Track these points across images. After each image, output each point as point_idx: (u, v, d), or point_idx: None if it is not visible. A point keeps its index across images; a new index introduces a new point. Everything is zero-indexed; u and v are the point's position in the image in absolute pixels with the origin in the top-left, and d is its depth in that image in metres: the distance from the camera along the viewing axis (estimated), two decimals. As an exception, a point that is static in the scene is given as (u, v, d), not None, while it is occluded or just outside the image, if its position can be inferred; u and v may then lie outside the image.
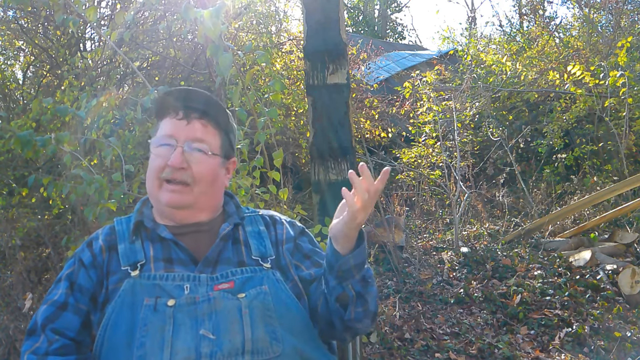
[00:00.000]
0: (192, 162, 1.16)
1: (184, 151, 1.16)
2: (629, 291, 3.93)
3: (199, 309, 1.06)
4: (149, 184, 1.20)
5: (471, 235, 5.64)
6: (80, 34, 4.87)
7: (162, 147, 1.17)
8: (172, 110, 1.20)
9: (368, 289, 1.10)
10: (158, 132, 1.21)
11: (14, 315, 3.32)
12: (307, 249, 1.26)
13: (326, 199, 3.44)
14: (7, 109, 5.15)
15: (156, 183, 1.17)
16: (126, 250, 1.15)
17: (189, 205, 1.18)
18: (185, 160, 1.15)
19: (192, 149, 1.17)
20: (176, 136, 1.17)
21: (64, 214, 4.02)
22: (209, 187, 1.20)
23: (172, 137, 1.17)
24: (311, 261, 1.24)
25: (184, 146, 1.16)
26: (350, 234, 1.03)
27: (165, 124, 1.20)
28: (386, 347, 3.38)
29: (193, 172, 1.16)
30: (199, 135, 1.18)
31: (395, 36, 21.17)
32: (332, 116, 3.46)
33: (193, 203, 1.18)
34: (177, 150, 1.15)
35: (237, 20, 6.00)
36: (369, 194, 0.98)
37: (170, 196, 1.15)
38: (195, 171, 1.16)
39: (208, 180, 1.19)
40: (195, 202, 1.18)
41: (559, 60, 7.66)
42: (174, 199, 1.15)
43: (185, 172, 1.15)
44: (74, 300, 1.11)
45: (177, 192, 1.15)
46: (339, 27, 3.49)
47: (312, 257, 1.25)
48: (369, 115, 7.19)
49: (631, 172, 6.19)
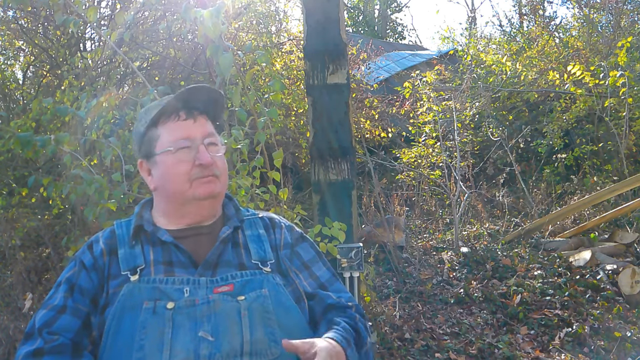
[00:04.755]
0: (214, 157, 1.19)
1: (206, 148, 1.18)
2: (629, 291, 3.93)
3: (198, 311, 1.05)
4: (172, 187, 1.18)
5: (471, 235, 5.64)
6: (80, 34, 4.87)
7: (182, 150, 1.17)
8: (173, 113, 1.20)
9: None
10: (162, 138, 1.19)
11: (14, 315, 3.32)
12: (307, 258, 1.26)
13: (326, 199, 3.44)
14: (7, 109, 5.15)
15: (186, 185, 1.17)
16: (126, 255, 1.15)
17: (218, 194, 1.21)
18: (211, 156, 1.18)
19: (210, 144, 1.20)
20: (192, 136, 1.18)
21: (64, 214, 4.02)
22: (227, 176, 1.26)
23: (188, 138, 1.18)
24: (309, 273, 1.23)
25: (204, 143, 1.19)
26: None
27: (170, 129, 1.19)
28: (386, 347, 3.38)
29: (218, 166, 1.20)
30: (209, 129, 1.22)
31: (395, 36, 21.15)
32: (332, 116, 3.46)
33: (220, 193, 1.22)
34: (202, 148, 1.17)
35: (237, 20, 6.00)
36: None
37: (208, 187, 1.17)
38: (219, 164, 1.20)
39: (226, 170, 1.25)
40: (222, 192, 1.23)
41: (559, 60, 7.65)
42: (211, 189, 1.18)
43: (213, 167, 1.18)
44: (73, 302, 1.11)
45: (212, 182, 1.18)
46: (339, 27, 3.50)
47: (311, 267, 1.24)
48: (369, 115, 7.18)
49: (631, 172, 6.20)
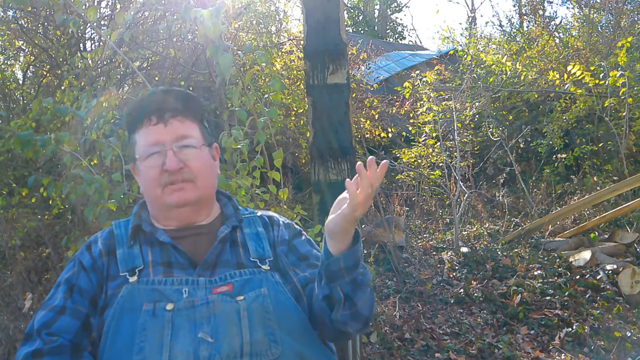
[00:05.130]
0: (187, 160, 1.16)
1: (175, 152, 1.15)
2: (629, 291, 3.93)
3: (198, 312, 1.05)
4: (149, 194, 1.19)
5: (471, 235, 5.64)
6: (80, 34, 4.87)
7: (152, 156, 1.16)
8: (145, 118, 1.19)
9: (358, 293, 1.06)
10: (138, 144, 1.19)
11: (14, 315, 3.32)
12: (304, 251, 1.24)
13: (326, 199, 3.44)
14: (7, 109, 5.15)
15: (158, 191, 1.16)
16: (124, 256, 1.15)
17: (196, 201, 1.18)
18: (180, 161, 1.15)
19: (182, 147, 1.17)
20: (161, 141, 1.16)
21: (64, 214, 4.02)
22: (209, 178, 1.21)
23: (158, 143, 1.16)
24: (307, 263, 1.22)
25: (173, 147, 1.16)
26: (348, 228, 1.02)
27: (143, 135, 1.19)
28: (386, 347, 3.38)
29: (191, 169, 1.16)
30: (182, 132, 1.18)
31: (395, 36, 21.15)
32: (332, 116, 3.46)
33: (199, 197, 1.18)
34: (169, 154, 1.14)
35: (237, 20, 6.00)
36: (372, 187, 0.98)
37: (178, 195, 1.15)
38: (193, 167, 1.16)
39: (207, 172, 1.20)
40: (201, 196, 1.18)
41: (559, 60, 7.65)
42: (181, 197, 1.15)
43: (184, 171, 1.15)
44: (72, 303, 1.10)
45: (182, 190, 1.15)
46: (339, 27, 3.49)
47: (309, 258, 1.23)
48: (369, 115, 7.18)
49: (631, 172, 6.19)
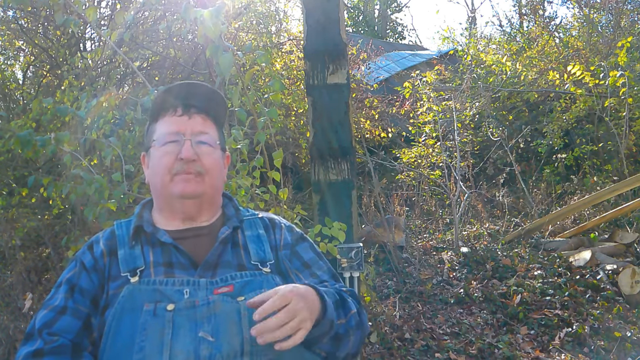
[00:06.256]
0: (201, 154, 1.17)
1: (192, 144, 1.17)
2: (629, 291, 3.93)
3: (198, 312, 1.05)
4: (157, 180, 1.19)
5: (471, 235, 5.64)
6: (80, 34, 4.87)
7: (170, 144, 1.18)
8: (171, 108, 1.21)
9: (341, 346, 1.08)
10: (157, 132, 1.21)
11: (14, 315, 3.32)
12: (307, 258, 1.25)
13: (326, 199, 3.44)
14: (7, 109, 5.15)
15: (167, 178, 1.17)
16: (126, 256, 1.15)
17: (200, 195, 1.18)
18: (195, 153, 1.16)
19: (199, 142, 1.18)
20: (182, 131, 1.18)
21: (64, 214, 4.02)
22: (217, 178, 1.22)
23: (179, 132, 1.18)
24: (310, 272, 1.22)
25: (192, 139, 1.17)
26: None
27: (165, 123, 1.21)
28: (386, 347, 3.38)
29: (204, 164, 1.17)
30: (202, 128, 1.20)
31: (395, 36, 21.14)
32: (332, 116, 3.46)
33: (204, 193, 1.18)
34: (187, 143, 1.16)
35: (237, 20, 5.99)
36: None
37: (184, 185, 1.15)
38: (205, 162, 1.17)
39: (217, 171, 1.21)
40: (205, 192, 1.18)
41: (559, 60, 7.66)
42: (187, 187, 1.16)
43: (197, 164, 1.16)
44: (74, 303, 1.10)
45: (191, 181, 1.16)
46: (339, 27, 3.49)
47: (312, 267, 1.23)
48: (369, 115, 7.18)
49: (631, 172, 6.19)
